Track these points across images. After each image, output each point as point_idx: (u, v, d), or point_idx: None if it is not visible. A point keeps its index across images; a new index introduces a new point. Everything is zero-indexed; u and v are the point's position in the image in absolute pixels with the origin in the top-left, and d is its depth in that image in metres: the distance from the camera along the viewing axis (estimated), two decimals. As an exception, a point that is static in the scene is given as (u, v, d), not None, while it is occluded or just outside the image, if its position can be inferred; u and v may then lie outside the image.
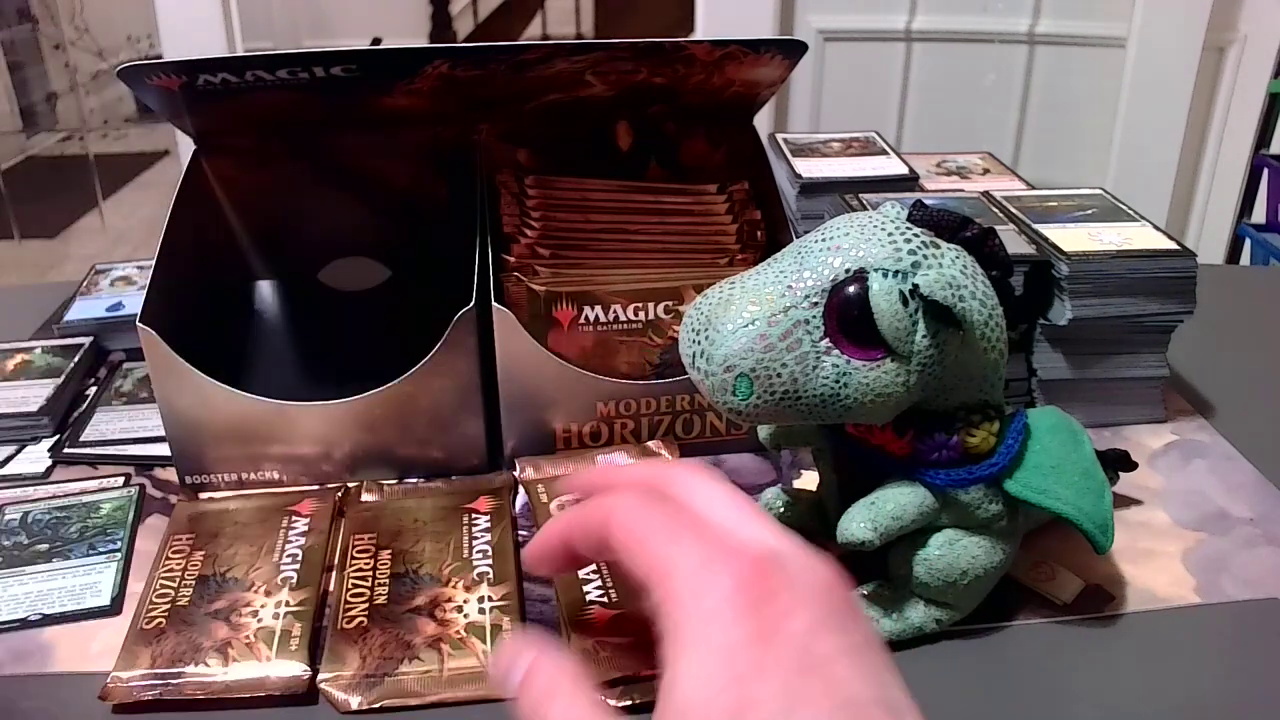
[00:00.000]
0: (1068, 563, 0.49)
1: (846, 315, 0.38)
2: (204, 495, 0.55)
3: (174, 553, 0.49)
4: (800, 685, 0.24)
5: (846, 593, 0.28)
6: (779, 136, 0.81)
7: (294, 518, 0.52)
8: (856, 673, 0.25)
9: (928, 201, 0.43)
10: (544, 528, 0.35)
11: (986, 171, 0.80)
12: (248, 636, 0.44)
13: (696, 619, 0.26)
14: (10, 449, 0.60)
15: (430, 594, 0.46)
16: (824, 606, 0.26)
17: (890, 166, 0.75)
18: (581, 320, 0.57)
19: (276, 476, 0.55)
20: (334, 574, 0.48)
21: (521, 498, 0.54)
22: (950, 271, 0.38)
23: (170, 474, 0.57)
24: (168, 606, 0.46)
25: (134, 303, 0.73)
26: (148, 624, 0.45)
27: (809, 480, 0.57)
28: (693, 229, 0.61)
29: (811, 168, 0.74)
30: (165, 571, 0.48)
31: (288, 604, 0.46)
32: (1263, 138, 1.76)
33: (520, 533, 0.52)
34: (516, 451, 0.57)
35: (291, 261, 0.70)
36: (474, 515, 0.52)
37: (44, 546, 0.51)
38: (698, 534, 0.28)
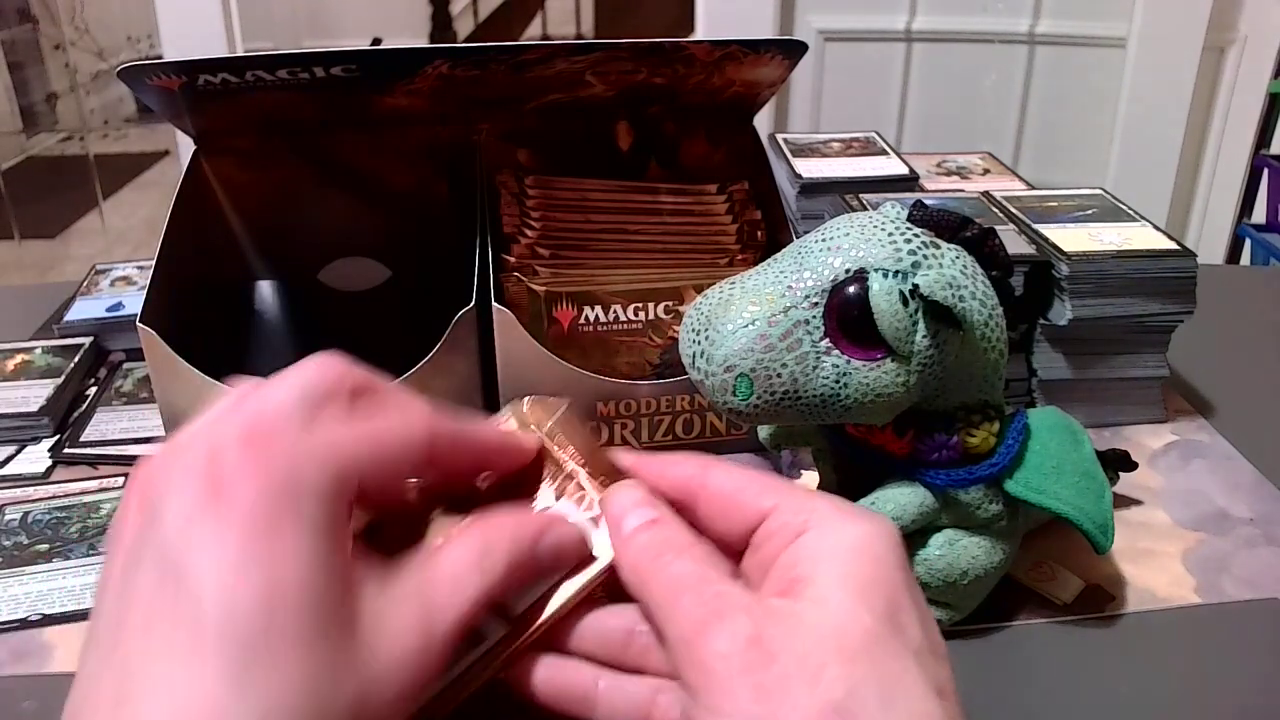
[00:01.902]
0: (1068, 563, 0.49)
1: (846, 315, 0.38)
2: None
3: None
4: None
5: (876, 632, 0.26)
6: (779, 136, 0.81)
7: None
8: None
9: (928, 201, 0.43)
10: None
11: (986, 171, 0.80)
12: None
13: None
14: (10, 449, 0.60)
15: None
16: (842, 652, 0.25)
17: (890, 166, 0.75)
18: (581, 320, 0.57)
19: None
20: None
21: None
22: (950, 271, 0.38)
23: (170, 474, 0.57)
24: None
25: (134, 303, 0.73)
26: None
27: (809, 480, 0.57)
28: (693, 229, 0.61)
29: (811, 168, 0.74)
30: None
31: None
32: (1263, 138, 1.76)
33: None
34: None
35: (291, 261, 0.70)
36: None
37: (44, 546, 0.52)
38: (699, 590, 0.27)
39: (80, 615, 0.47)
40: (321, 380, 0.28)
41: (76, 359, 0.67)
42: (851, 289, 0.38)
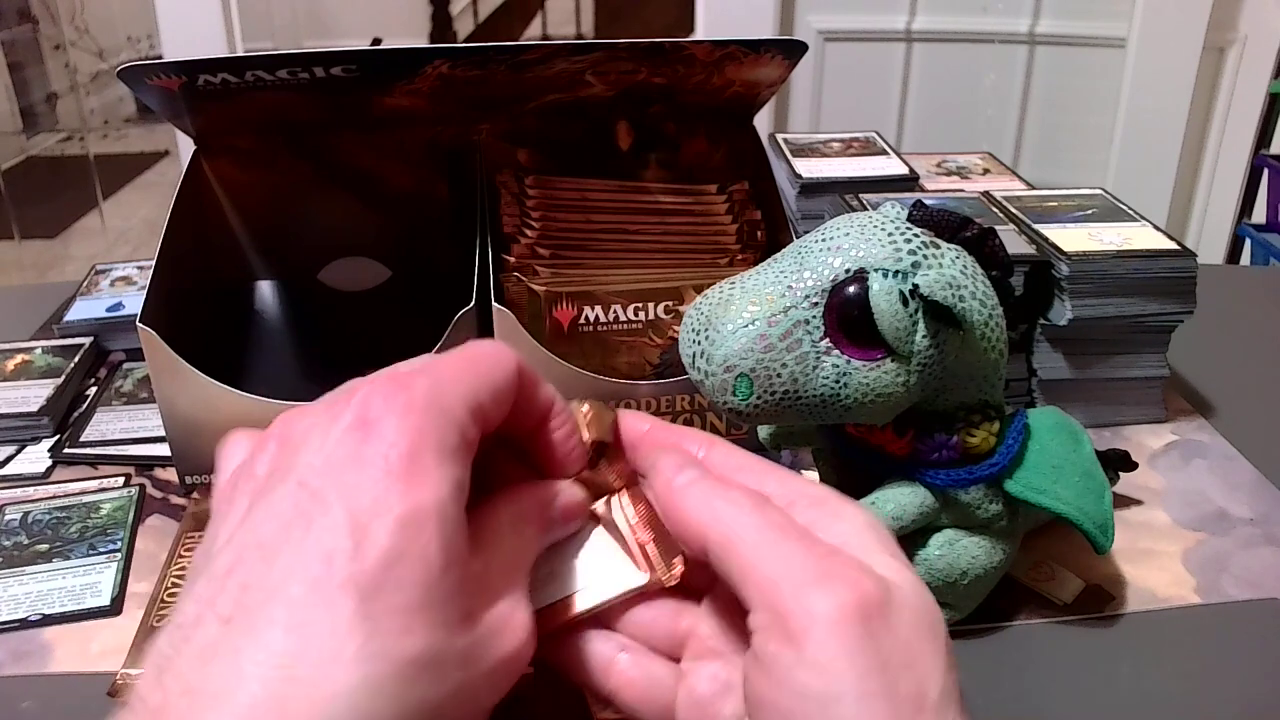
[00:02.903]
0: (1068, 563, 0.49)
1: (846, 315, 0.38)
2: None
3: (186, 550, 0.50)
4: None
5: (941, 622, 0.26)
6: (779, 136, 0.81)
7: None
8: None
9: (928, 201, 0.43)
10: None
11: (986, 171, 0.80)
12: None
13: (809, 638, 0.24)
14: (10, 449, 0.60)
15: None
16: (931, 640, 0.25)
17: (890, 166, 0.75)
18: (581, 320, 0.57)
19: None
20: None
21: None
22: (950, 271, 0.38)
23: (170, 474, 0.57)
24: None
25: (134, 303, 0.73)
26: (158, 621, 0.45)
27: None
28: (693, 229, 0.61)
29: (811, 168, 0.74)
30: (178, 569, 0.48)
31: None
32: (1263, 138, 1.76)
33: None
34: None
35: (291, 261, 0.70)
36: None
37: (44, 546, 0.51)
38: (807, 547, 0.26)
39: (80, 615, 0.47)
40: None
41: (76, 359, 0.67)
42: (851, 289, 0.38)
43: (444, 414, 0.25)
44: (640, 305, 0.57)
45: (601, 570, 0.30)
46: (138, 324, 0.52)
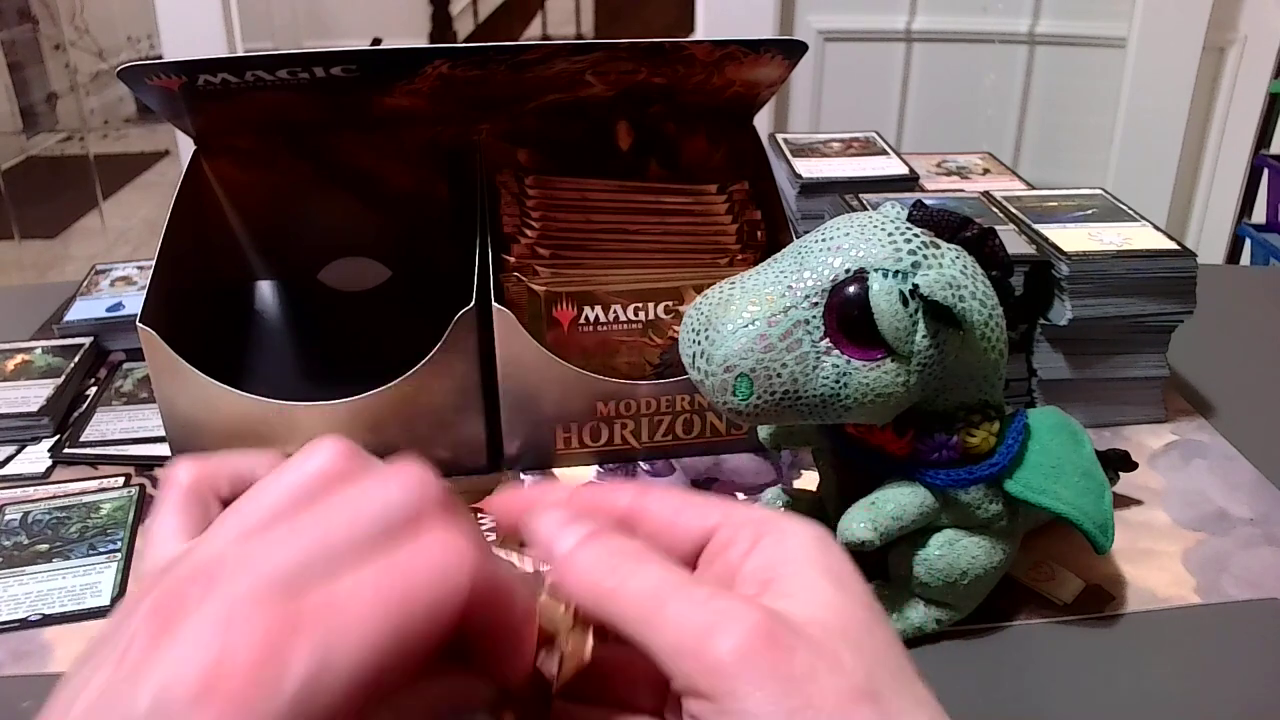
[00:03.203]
0: (1068, 563, 0.49)
1: (846, 315, 0.38)
2: None
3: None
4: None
5: (870, 622, 0.26)
6: (779, 136, 0.81)
7: None
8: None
9: (928, 201, 0.43)
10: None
11: (986, 171, 0.80)
12: None
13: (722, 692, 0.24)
14: (10, 449, 0.60)
15: None
16: (847, 639, 0.25)
17: (890, 166, 0.75)
18: (581, 320, 0.57)
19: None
20: None
21: None
22: (950, 271, 0.38)
23: (170, 474, 0.57)
24: None
25: (134, 303, 0.73)
26: None
27: (809, 480, 0.57)
28: (693, 229, 0.61)
29: (811, 168, 0.74)
30: None
31: None
32: (1263, 138, 1.76)
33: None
34: (519, 454, 0.57)
35: (291, 261, 0.70)
36: (478, 515, 0.52)
37: (44, 546, 0.51)
38: (689, 599, 0.25)
39: (80, 615, 0.47)
40: (386, 518, 0.24)
41: (76, 359, 0.67)
42: (851, 289, 0.38)
43: (301, 715, 0.21)
44: (640, 305, 0.57)
45: None
46: (138, 324, 0.52)
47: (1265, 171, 1.72)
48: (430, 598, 0.23)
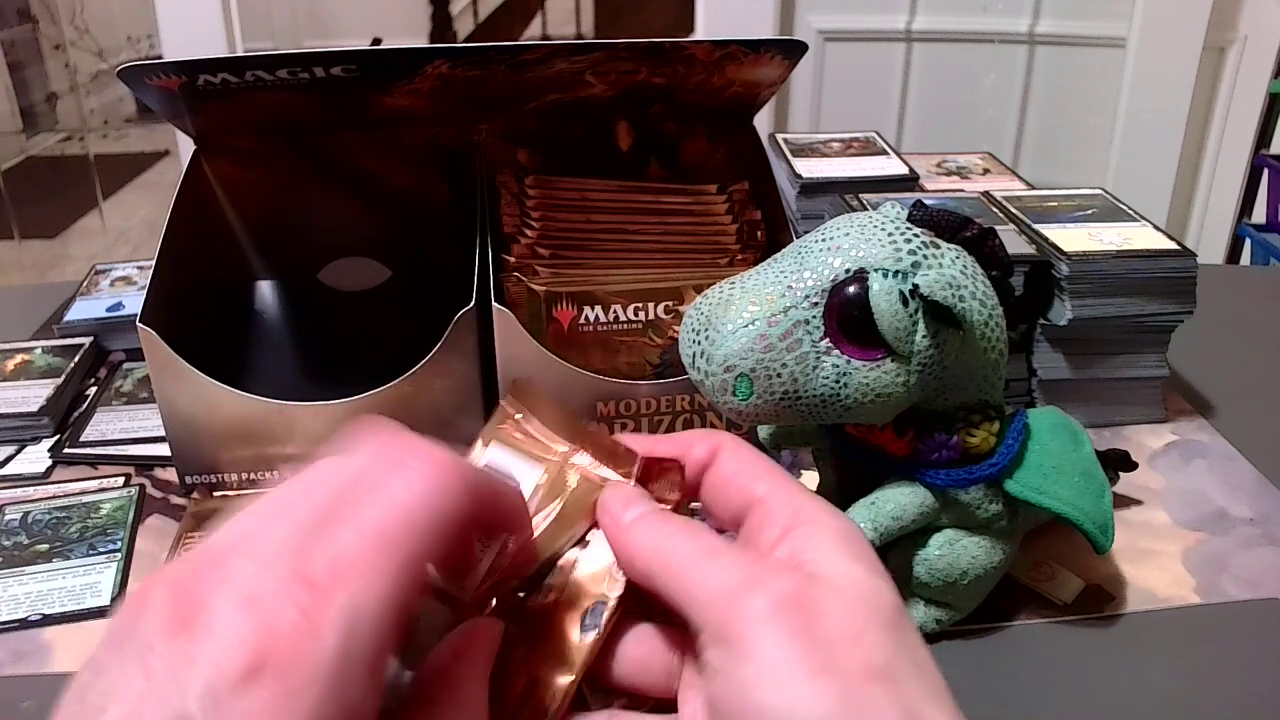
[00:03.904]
0: (1068, 563, 0.49)
1: (846, 315, 0.38)
2: (217, 494, 0.55)
3: (186, 551, 0.50)
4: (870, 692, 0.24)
5: (898, 607, 0.26)
6: (779, 136, 0.81)
7: None
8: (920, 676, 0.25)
9: (928, 201, 0.43)
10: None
11: (986, 171, 0.80)
12: None
13: (746, 642, 0.25)
14: (10, 449, 0.60)
15: None
16: (871, 616, 0.25)
17: (890, 166, 0.75)
18: (581, 320, 0.57)
19: (278, 476, 0.55)
20: None
21: None
22: (950, 271, 0.38)
23: (170, 474, 0.57)
24: None
25: (134, 303, 0.73)
26: None
27: (809, 480, 0.57)
28: (693, 229, 0.61)
29: (811, 168, 0.74)
30: None
31: None
32: (1263, 138, 1.76)
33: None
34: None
35: (291, 261, 0.70)
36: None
37: (44, 546, 0.51)
38: (734, 560, 0.27)
39: (80, 615, 0.47)
40: (361, 474, 0.25)
41: (76, 359, 0.67)
42: (851, 289, 0.38)
43: (348, 673, 0.22)
44: (640, 305, 0.57)
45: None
46: (138, 324, 0.52)
47: (1265, 171, 1.72)
48: (431, 517, 0.24)
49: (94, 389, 0.67)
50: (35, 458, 0.60)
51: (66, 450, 0.60)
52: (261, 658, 0.21)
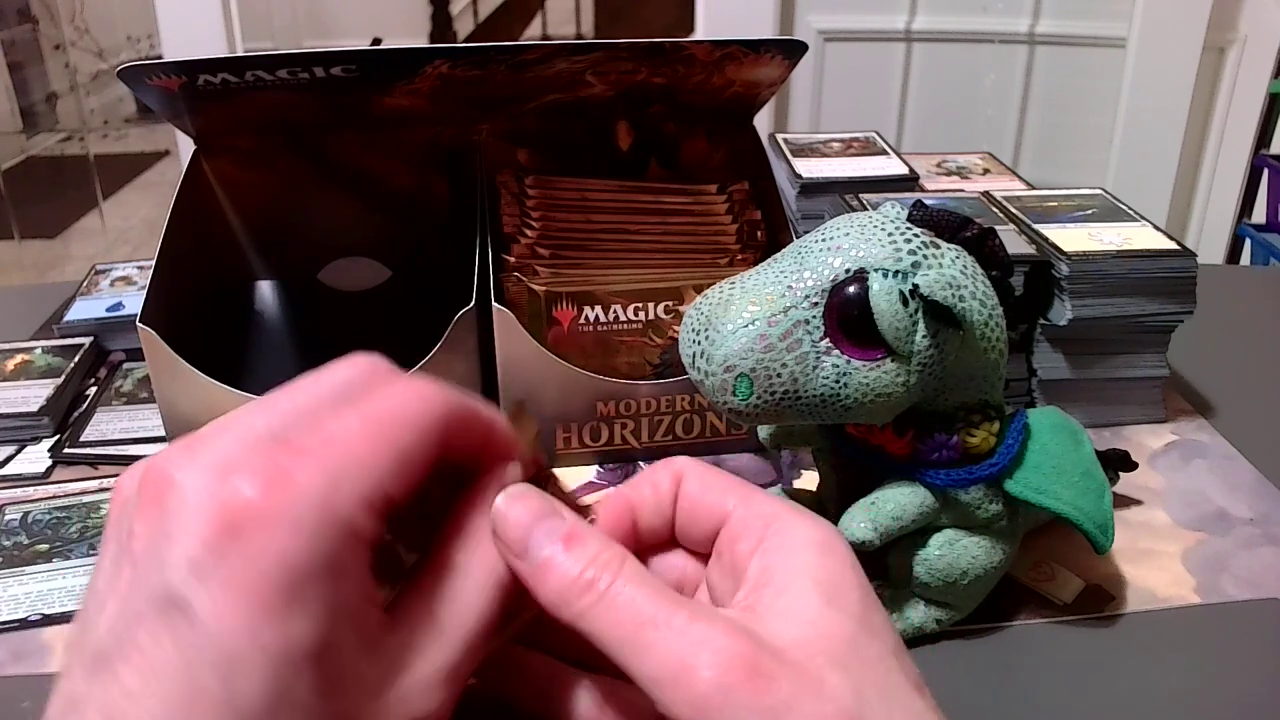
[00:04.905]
0: (1068, 563, 0.49)
1: (846, 315, 0.38)
2: None
3: None
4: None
5: (859, 635, 0.25)
6: (779, 136, 0.81)
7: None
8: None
9: (928, 201, 0.43)
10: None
11: (986, 171, 0.80)
12: None
13: None
14: (10, 449, 0.60)
15: None
16: (834, 658, 0.25)
17: (890, 166, 0.75)
18: (581, 320, 0.57)
19: None
20: None
21: None
22: (950, 271, 0.38)
23: (170, 474, 0.57)
24: None
25: (134, 303, 0.73)
26: None
27: (809, 480, 0.57)
28: (693, 229, 0.61)
29: (811, 168, 0.74)
30: None
31: None
32: (1263, 138, 1.76)
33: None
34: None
35: (291, 261, 0.70)
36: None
37: (44, 546, 0.52)
38: (665, 629, 0.25)
39: (80, 615, 0.47)
40: (348, 383, 0.26)
41: (76, 359, 0.67)
42: (851, 289, 0.38)
43: (331, 523, 0.22)
44: (640, 305, 0.57)
45: None
46: (138, 324, 0.52)
47: (1265, 171, 1.72)
48: (415, 421, 0.25)
49: (94, 389, 0.67)
50: (35, 458, 0.60)
51: (66, 450, 0.60)
52: (237, 517, 0.22)
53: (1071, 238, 0.60)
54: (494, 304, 0.53)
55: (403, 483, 0.24)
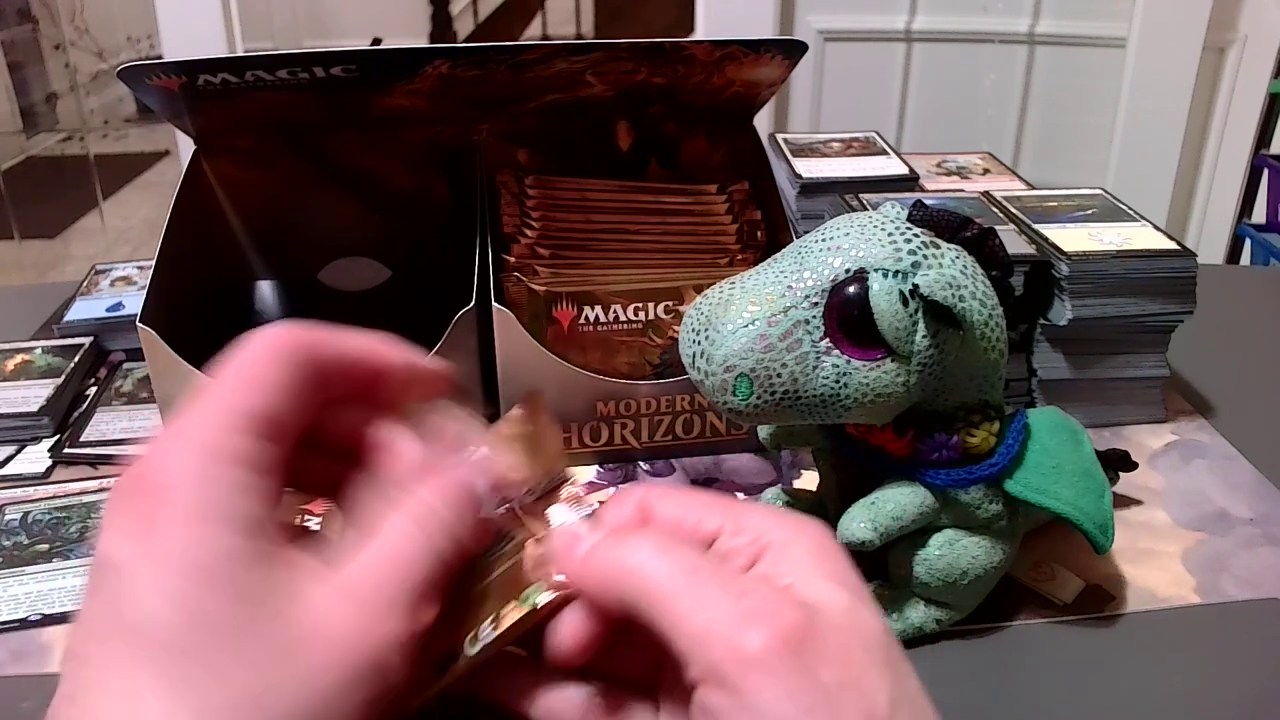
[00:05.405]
0: (1068, 563, 0.49)
1: (846, 315, 0.38)
2: None
3: None
4: None
5: (887, 635, 0.26)
6: (779, 136, 0.81)
7: (306, 516, 0.52)
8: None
9: (928, 201, 0.43)
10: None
11: (986, 171, 0.80)
12: None
13: (744, 682, 0.24)
14: (10, 449, 0.60)
15: None
16: (867, 654, 0.25)
17: (890, 166, 0.75)
18: (581, 320, 0.57)
19: None
20: None
21: None
22: (950, 271, 0.38)
23: (170, 474, 0.57)
24: None
25: (134, 303, 0.73)
26: None
27: (809, 480, 0.57)
28: (693, 229, 0.61)
29: (811, 168, 0.74)
30: None
31: None
32: (1263, 138, 1.76)
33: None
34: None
35: (291, 261, 0.70)
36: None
37: (44, 546, 0.52)
38: (722, 586, 0.25)
39: (80, 615, 0.47)
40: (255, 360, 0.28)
41: (76, 359, 0.67)
42: (851, 289, 0.38)
43: (218, 454, 0.25)
44: (640, 305, 0.57)
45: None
46: (138, 324, 0.52)
47: (1265, 171, 1.72)
48: (260, 352, 0.28)
49: (94, 389, 0.67)
50: (35, 458, 0.60)
51: (66, 450, 0.60)
52: (135, 484, 0.25)
53: (1071, 238, 0.60)
54: (494, 304, 0.53)
55: (289, 405, 0.27)
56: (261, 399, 0.27)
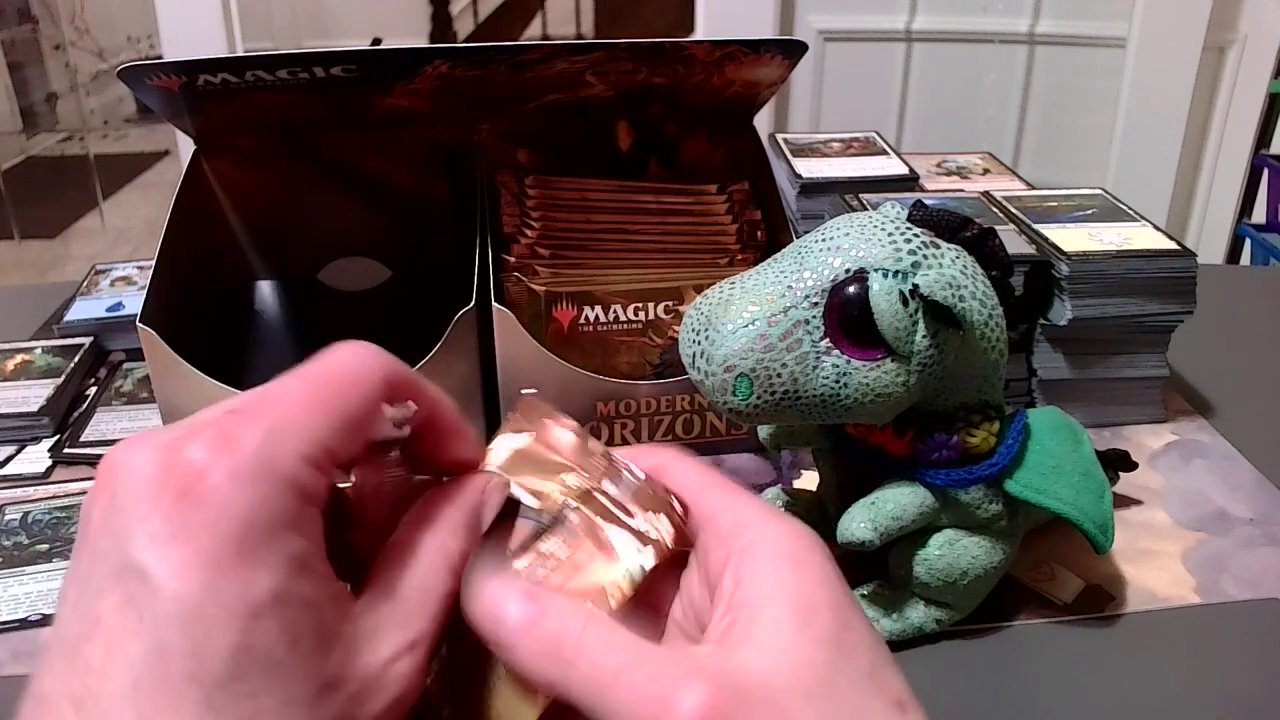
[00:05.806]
0: (1068, 563, 0.49)
1: (846, 315, 0.38)
2: None
3: None
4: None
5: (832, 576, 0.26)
6: (779, 136, 0.81)
7: None
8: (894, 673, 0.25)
9: (928, 201, 0.43)
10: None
11: (986, 171, 0.80)
12: None
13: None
14: (10, 449, 0.60)
15: None
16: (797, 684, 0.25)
17: (890, 166, 0.75)
18: (581, 320, 0.57)
19: None
20: None
21: None
22: (950, 271, 0.38)
23: (170, 474, 0.57)
24: None
25: (134, 303, 0.73)
26: None
27: (809, 480, 0.57)
28: (693, 229, 0.61)
29: (811, 168, 0.74)
30: None
31: None
32: (1263, 138, 1.76)
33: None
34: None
35: (291, 261, 0.70)
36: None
37: (44, 546, 0.52)
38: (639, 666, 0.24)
39: (80, 615, 0.47)
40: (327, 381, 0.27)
41: (76, 359, 0.67)
42: (851, 289, 0.38)
43: (277, 478, 0.23)
44: (640, 305, 0.57)
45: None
46: (138, 324, 0.52)
47: (1265, 171, 1.72)
48: (351, 379, 0.26)
49: (94, 389, 0.67)
50: (35, 458, 0.60)
51: (66, 450, 0.60)
52: (187, 482, 0.23)
53: (1071, 238, 0.60)
54: (494, 304, 0.53)
55: (344, 439, 0.25)
56: (341, 435, 0.25)
